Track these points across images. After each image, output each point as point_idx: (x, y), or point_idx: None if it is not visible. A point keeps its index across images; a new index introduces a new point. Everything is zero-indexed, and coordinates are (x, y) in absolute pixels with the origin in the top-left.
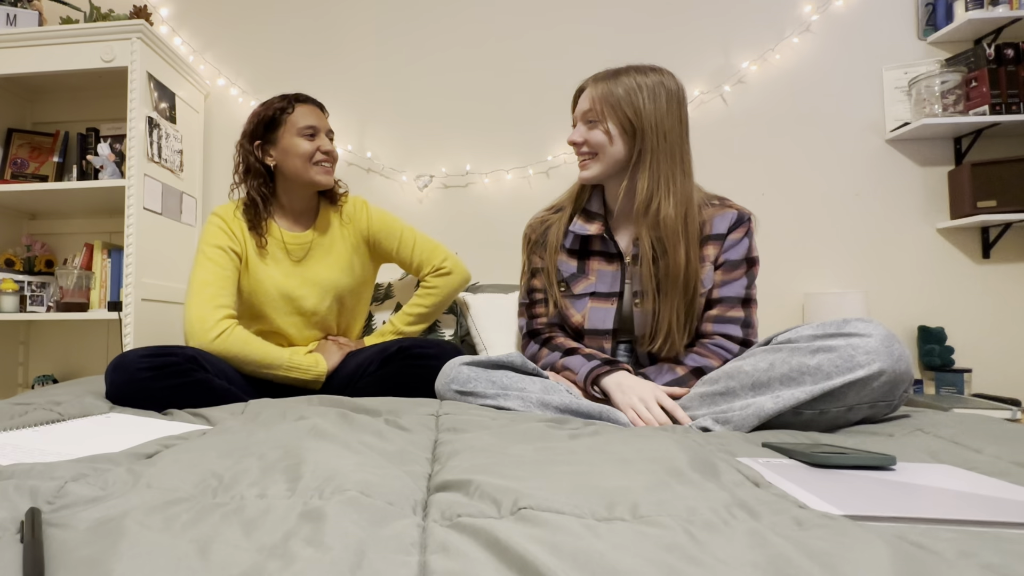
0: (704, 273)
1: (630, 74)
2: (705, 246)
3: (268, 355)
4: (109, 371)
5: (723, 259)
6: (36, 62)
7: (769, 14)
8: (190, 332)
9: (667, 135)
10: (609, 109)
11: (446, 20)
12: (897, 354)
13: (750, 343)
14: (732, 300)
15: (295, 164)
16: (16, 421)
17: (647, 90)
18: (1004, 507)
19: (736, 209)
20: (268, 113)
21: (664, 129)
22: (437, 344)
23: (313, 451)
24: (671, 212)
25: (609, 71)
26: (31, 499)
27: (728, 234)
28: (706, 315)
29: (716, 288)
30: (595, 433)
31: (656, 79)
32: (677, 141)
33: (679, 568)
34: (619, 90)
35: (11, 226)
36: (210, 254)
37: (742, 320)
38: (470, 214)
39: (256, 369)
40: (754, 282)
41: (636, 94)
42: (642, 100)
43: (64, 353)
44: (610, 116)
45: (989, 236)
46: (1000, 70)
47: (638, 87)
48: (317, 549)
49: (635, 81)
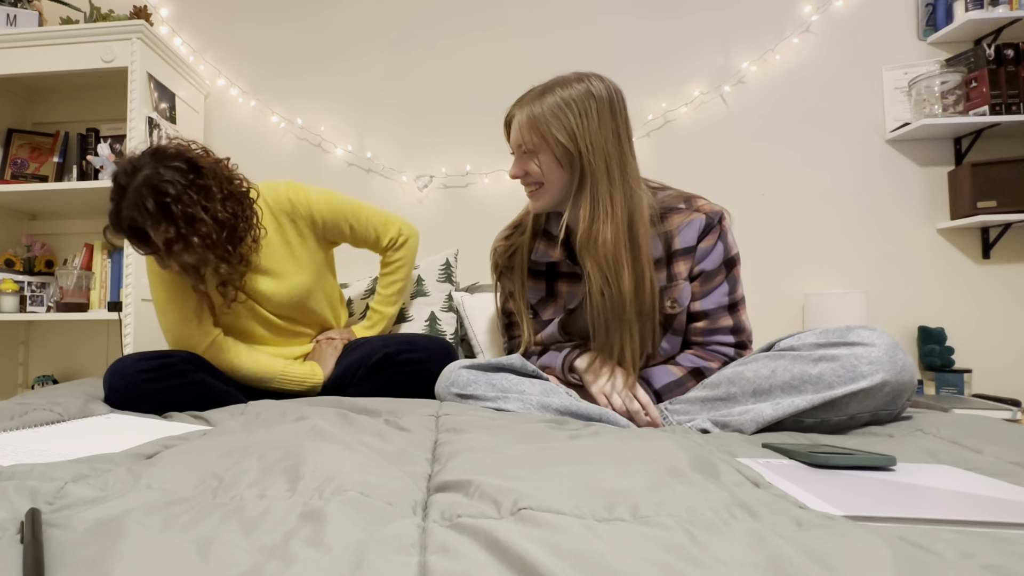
0: (679, 291)
1: (555, 92)
2: (675, 262)
3: (260, 366)
4: (107, 377)
5: (698, 270)
6: (36, 62)
7: (769, 14)
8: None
9: (604, 149)
10: (539, 139)
11: (446, 20)
12: (901, 364)
13: (744, 345)
14: (717, 311)
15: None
16: (16, 421)
17: (576, 107)
18: (1004, 507)
19: (704, 213)
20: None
21: (600, 145)
22: (423, 346)
23: (313, 451)
24: (608, 237)
25: (534, 92)
26: (31, 500)
27: (698, 244)
28: (692, 328)
29: (697, 300)
30: (595, 434)
31: (583, 90)
32: (615, 154)
33: (679, 568)
34: (547, 115)
35: (11, 226)
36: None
37: (731, 327)
38: (470, 214)
39: (247, 379)
40: (737, 283)
41: (565, 115)
42: (572, 121)
43: (64, 353)
44: (543, 146)
45: (989, 236)
46: (1000, 70)
47: (566, 105)
48: (317, 549)
49: (560, 99)
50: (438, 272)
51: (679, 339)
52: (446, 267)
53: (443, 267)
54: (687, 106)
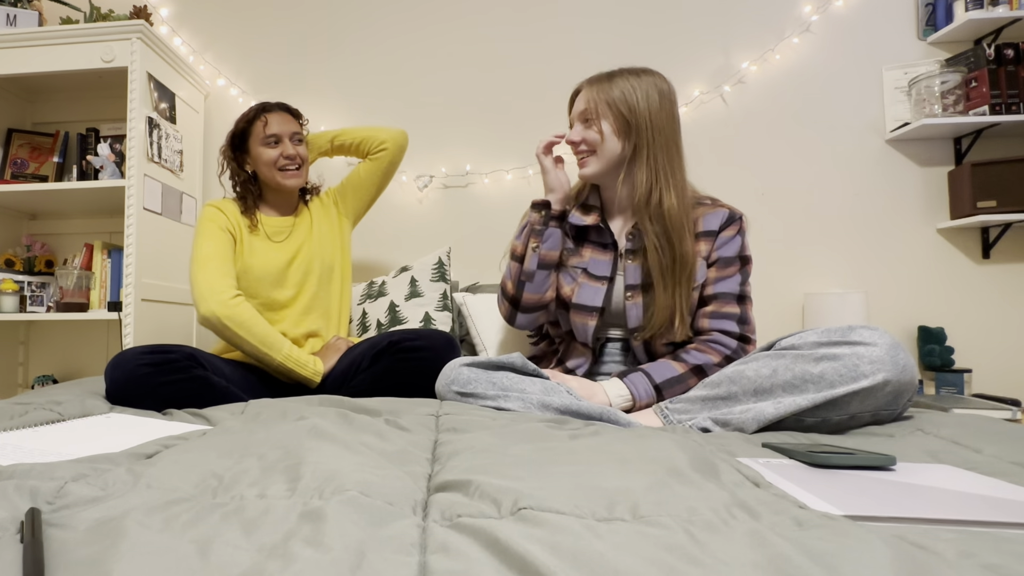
0: (697, 268)
1: (624, 76)
2: (697, 242)
3: (270, 335)
4: (109, 369)
5: (716, 256)
6: (36, 62)
7: (769, 14)
8: (201, 298)
9: (662, 130)
10: (604, 108)
11: (446, 20)
12: (902, 364)
13: (747, 339)
14: (727, 296)
15: (264, 171)
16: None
17: (640, 90)
18: (1004, 507)
19: (727, 208)
20: (239, 127)
21: (658, 125)
22: (427, 336)
23: (313, 451)
24: (674, 203)
25: (604, 74)
26: (31, 499)
27: (720, 231)
28: (701, 311)
29: (710, 285)
30: (595, 433)
31: (649, 80)
32: (672, 137)
33: (679, 568)
34: (614, 90)
35: (11, 226)
36: (209, 234)
37: (738, 316)
38: (470, 214)
39: (255, 349)
40: (748, 280)
41: (631, 93)
42: (636, 99)
43: (64, 353)
44: (605, 115)
45: (989, 236)
46: (1000, 70)
47: (632, 87)
48: (317, 549)
49: (629, 82)
50: (431, 272)
51: (688, 318)
52: (439, 266)
53: (436, 266)
54: (687, 106)
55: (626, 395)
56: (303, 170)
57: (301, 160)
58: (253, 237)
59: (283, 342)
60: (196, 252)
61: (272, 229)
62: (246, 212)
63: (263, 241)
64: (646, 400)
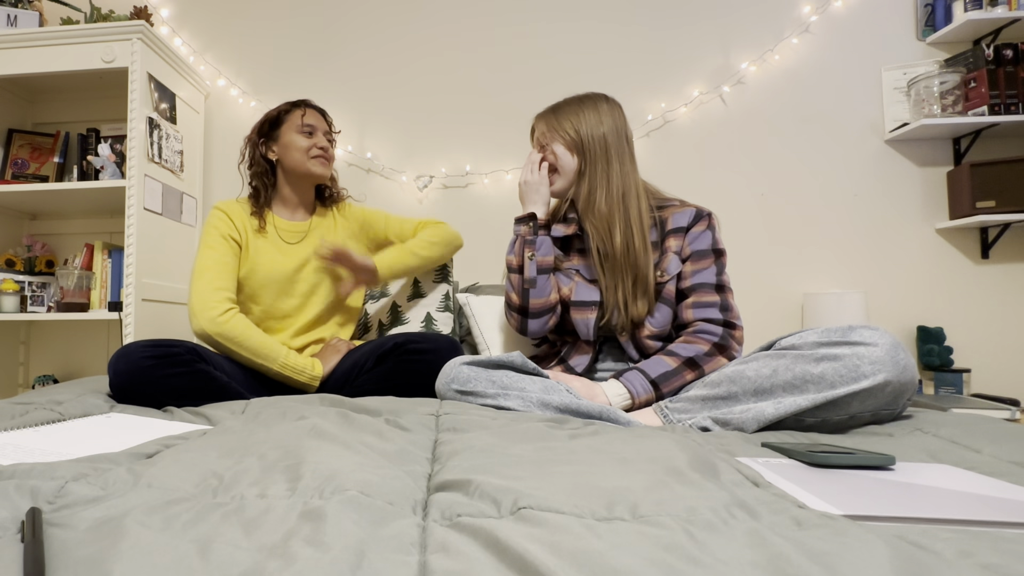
0: (667, 262)
1: (570, 103)
2: (667, 239)
3: (265, 346)
4: (113, 361)
5: (690, 250)
6: (37, 63)
7: (768, 15)
8: (192, 314)
9: (603, 140)
10: (553, 134)
11: (446, 21)
12: (903, 364)
13: (732, 324)
14: (706, 287)
15: (294, 157)
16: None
17: (586, 110)
18: (1003, 507)
19: (695, 207)
20: (274, 113)
21: (599, 136)
22: (433, 339)
23: (313, 451)
24: (603, 203)
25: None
26: (32, 499)
27: (690, 228)
28: (683, 304)
29: (688, 278)
30: (595, 433)
31: (592, 100)
32: (615, 145)
33: (679, 568)
34: (561, 115)
35: (12, 226)
36: (210, 242)
37: (719, 304)
38: (470, 214)
39: (250, 361)
40: (724, 271)
41: (576, 115)
42: (582, 118)
43: (64, 353)
44: (557, 139)
45: (988, 236)
46: (999, 71)
47: (578, 108)
48: (317, 549)
49: (571, 107)
50: (434, 272)
51: (669, 310)
52: (442, 267)
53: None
54: (686, 106)
55: (624, 394)
56: (330, 166)
57: (331, 157)
58: (261, 238)
59: (279, 351)
60: (195, 262)
61: (284, 230)
62: (256, 210)
63: (272, 243)
64: (644, 397)
